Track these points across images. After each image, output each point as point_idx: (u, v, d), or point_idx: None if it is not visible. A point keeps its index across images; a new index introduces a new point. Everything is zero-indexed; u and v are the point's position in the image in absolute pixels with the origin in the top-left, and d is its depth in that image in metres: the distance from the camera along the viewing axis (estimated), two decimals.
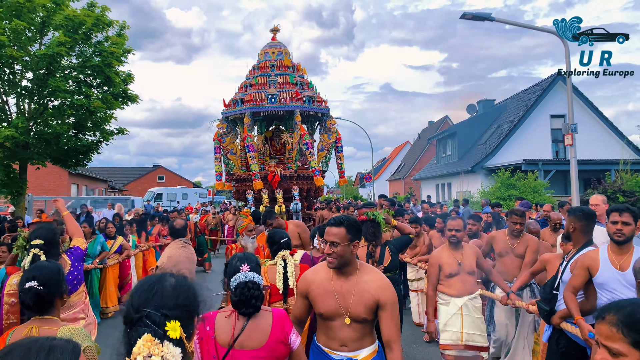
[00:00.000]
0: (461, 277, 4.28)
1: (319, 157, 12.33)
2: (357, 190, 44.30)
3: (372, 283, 2.58)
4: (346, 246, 2.56)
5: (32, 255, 3.34)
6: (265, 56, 12.59)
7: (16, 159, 11.80)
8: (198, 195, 34.39)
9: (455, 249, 4.36)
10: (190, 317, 1.40)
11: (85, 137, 12.55)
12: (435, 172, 28.54)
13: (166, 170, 58.05)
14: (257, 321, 2.25)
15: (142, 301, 1.33)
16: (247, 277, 2.26)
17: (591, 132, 21.38)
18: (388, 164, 51.21)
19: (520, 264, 4.93)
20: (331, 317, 2.59)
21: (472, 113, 29.61)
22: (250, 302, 2.21)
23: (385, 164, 51.87)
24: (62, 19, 11.02)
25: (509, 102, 26.12)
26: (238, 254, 2.46)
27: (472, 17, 8.04)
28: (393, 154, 53.35)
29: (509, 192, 15.79)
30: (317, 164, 11.85)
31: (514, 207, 5.47)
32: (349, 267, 2.62)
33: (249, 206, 11.75)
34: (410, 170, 38.52)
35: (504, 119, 24.33)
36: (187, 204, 28.78)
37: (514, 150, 20.99)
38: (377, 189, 36.27)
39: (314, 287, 2.65)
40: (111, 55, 11.61)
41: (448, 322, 4.26)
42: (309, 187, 11.94)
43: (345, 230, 2.58)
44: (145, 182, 53.64)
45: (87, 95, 11.39)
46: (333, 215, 8.04)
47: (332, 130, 12.51)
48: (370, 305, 2.54)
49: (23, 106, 11.91)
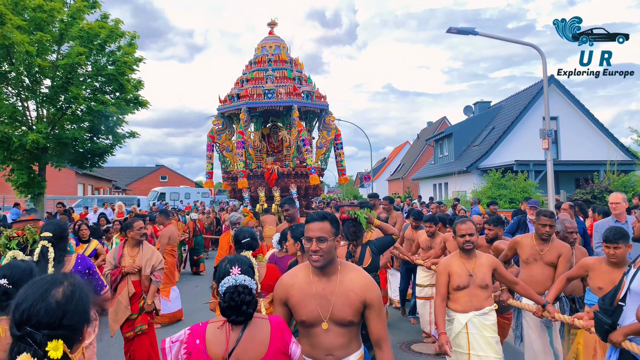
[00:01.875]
0: (470, 291, 3.72)
1: (317, 154, 11.94)
2: (358, 190, 44.90)
3: (356, 282, 2.43)
4: (332, 241, 2.42)
5: (40, 247, 3.52)
6: (262, 50, 12.16)
7: (36, 161, 12.65)
8: (200, 194, 34.58)
9: (468, 257, 3.80)
10: (77, 332, 1.33)
11: (100, 140, 13.41)
12: (433, 172, 29.24)
13: (169, 170, 58.80)
14: (254, 331, 2.08)
15: (23, 318, 1.25)
16: (237, 281, 2.10)
17: (583, 134, 22.19)
18: (388, 163, 51.74)
19: (550, 274, 4.30)
20: (314, 323, 2.41)
21: (468, 114, 30.34)
22: (241, 309, 2.05)
23: (385, 164, 52.43)
24: (78, 31, 11.92)
25: (504, 104, 26.85)
26: (229, 255, 2.31)
27: (457, 31, 8.77)
28: (393, 154, 53.93)
29: (500, 192, 16.53)
30: (316, 162, 11.59)
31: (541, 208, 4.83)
32: (331, 266, 2.45)
33: (245, 204, 11.50)
34: (409, 170, 39.16)
35: (499, 121, 25.05)
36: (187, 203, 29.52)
37: (508, 151, 21.69)
38: (377, 188, 36.91)
39: (293, 292, 2.45)
40: (124, 65, 12.51)
41: (453, 342, 3.71)
42: (308, 185, 11.56)
43: (329, 225, 2.45)
44: (148, 181, 54.39)
45: (102, 102, 12.26)
46: None
47: (332, 127, 12.06)
48: (356, 306, 2.39)
49: (42, 111, 12.78)
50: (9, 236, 3.92)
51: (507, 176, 17.46)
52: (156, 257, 5.05)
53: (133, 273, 4.91)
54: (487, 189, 17.46)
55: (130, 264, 4.90)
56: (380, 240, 4.39)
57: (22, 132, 12.09)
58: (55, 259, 3.54)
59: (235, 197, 12.43)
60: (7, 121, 12.03)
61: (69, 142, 12.25)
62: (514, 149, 21.34)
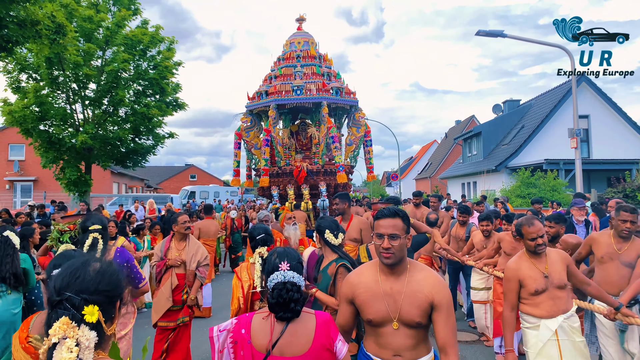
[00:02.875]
0: (550, 294, 3.36)
1: (347, 151, 11.75)
2: (384, 189, 44.98)
3: (425, 282, 2.35)
4: (404, 239, 2.35)
5: (91, 239, 3.66)
6: (290, 46, 11.94)
7: (83, 160, 13.50)
8: (229, 193, 34.93)
9: (537, 256, 3.46)
10: (111, 303, 1.42)
11: (142, 141, 14.16)
12: (461, 171, 29.18)
13: (197, 169, 59.93)
14: (298, 325, 2.06)
15: (64, 284, 1.35)
16: (285, 277, 2.08)
17: (615, 132, 21.87)
18: (415, 162, 51.45)
19: (628, 274, 3.96)
20: (382, 323, 2.35)
21: (497, 113, 30.17)
22: (289, 306, 2.03)
23: (412, 163, 52.15)
24: (122, 39, 12.70)
25: (533, 103, 26.63)
26: (278, 248, 2.29)
27: (486, 33, 8.99)
28: (420, 153, 53.63)
29: (529, 190, 16.53)
30: (345, 160, 11.42)
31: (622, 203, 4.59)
32: (400, 265, 2.38)
33: (274, 202, 11.36)
34: (437, 170, 38.99)
35: (529, 119, 24.88)
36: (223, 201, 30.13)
37: (538, 149, 21.55)
38: (404, 188, 36.98)
39: (360, 291, 2.41)
40: (165, 69, 13.22)
41: (542, 352, 3.33)
42: (337, 183, 11.30)
43: (402, 221, 2.37)
44: (177, 180, 55.62)
45: (146, 104, 12.93)
46: (366, 213, 8.19)
47: (361, 124, 11.72)
48: (424, 307, 2.30)
49: (88, 113, 13.58)
50: (61, 230, 4.11)
51: (536, 175, 17.44)
52: (202, 252, 5.12)
53: (177, 266, 4.95)
54: (515, 187, 17.47)
55: (175, 256, 4.97)
56: (414, 238, 4.20)
57: (70, 134, 12.95)
58: (101, 250, 3.69)
59: (264, 195, 12.28)
60: (57, 123, 12.87)
61: (113, 143, 13.02)
62: (544, 148, 21.20)
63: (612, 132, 21.81)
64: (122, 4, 13.20)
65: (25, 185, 31.01)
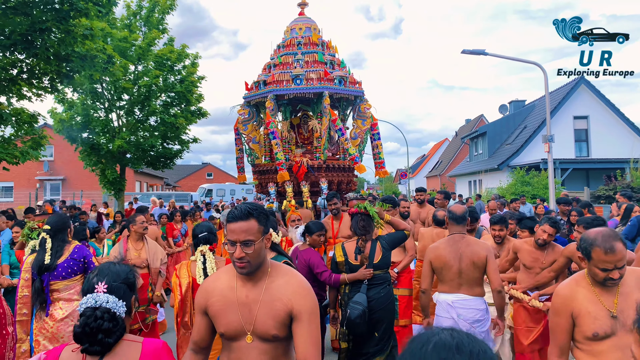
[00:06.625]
0: (618, 340, 2.24)
1: (352, 145, 10.53)
2: (397, 187, 45.66)
3: (285, 288, 2.05)
4: (260, 242, 2.02)
5: (40, 238, 3.95)
6: (291, 33, 10.97)
7: (118, 163, 15.40)
8: (245, 191, 35.35)
9: (604, 287, 2.34)
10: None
11: (170, 146, 16.07)
12: (468, 169, 30.29)
13: (214, 167, 61.67)
14: (117, 358, 1.71)
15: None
16: (97, 302, 1.71)
17: (613, 132, 22.81)
18: (427, 160, 52.08)
19: None
20: (235, 336, 2.05)
21: (503, 113, 31.24)
22: (96, 337, 1.66)
23: (425, 161, 52.79)
24: (154, 57, 14.61)
25: (537, 103, 27.64)
26: (103, 264, 1.93)
27: (470, 52, 10.23)
28: (432, 151, 54.21)
29: (523, 188, 17.68)
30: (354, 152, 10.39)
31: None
32: (260, 269, 2.07)
33: (271, 200, 10.71)
34: (447, 168, 39.90)
35: (531, 120, 25.90)
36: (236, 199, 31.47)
37: (538, 149, 22.45)
38: (415, 185, 37.91)
39: (213, 300, 2.09)
40: (191, 84, 15.15)
41: None
42: (340, 179, 10.51)
43: (257, 223, 2.03)
44: (195, 178, 57.41)
45: (173, 114, 14.81)
46: None
47: (367, 115, 10.73)
48: (281, 317, 2.01)
49: (122, 121, 15.39)
50: (31, 227, 4.43)
51: (531, 173, 18.53)
52: (160, 251, 5.34)
53: (142, 267, 5.00)
54: (511, 185, 18.61)
55: (135, 256, 5.04)
56: (391, 236, 4.12)
57: (107, 139, 14.86)
58: (52, 248, 3.88)
59: (262, 192, 11.45)
60: (98, 131, 14.74)
61: (145, 147, 14.92)
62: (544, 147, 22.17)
63: (610, 132, 22.75)
64: (152, 24, 15.04)
65: (54, 184, 33.22)
